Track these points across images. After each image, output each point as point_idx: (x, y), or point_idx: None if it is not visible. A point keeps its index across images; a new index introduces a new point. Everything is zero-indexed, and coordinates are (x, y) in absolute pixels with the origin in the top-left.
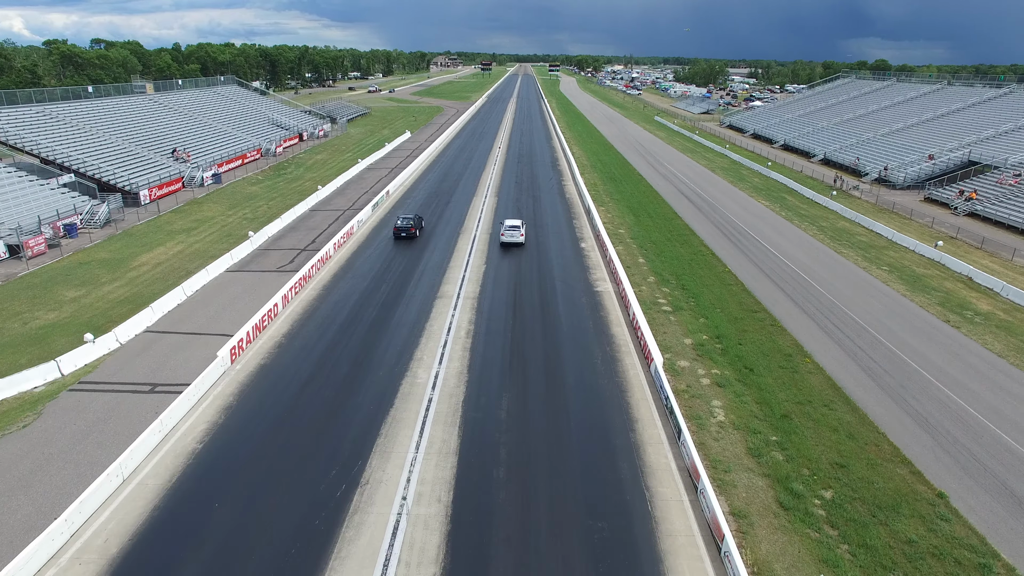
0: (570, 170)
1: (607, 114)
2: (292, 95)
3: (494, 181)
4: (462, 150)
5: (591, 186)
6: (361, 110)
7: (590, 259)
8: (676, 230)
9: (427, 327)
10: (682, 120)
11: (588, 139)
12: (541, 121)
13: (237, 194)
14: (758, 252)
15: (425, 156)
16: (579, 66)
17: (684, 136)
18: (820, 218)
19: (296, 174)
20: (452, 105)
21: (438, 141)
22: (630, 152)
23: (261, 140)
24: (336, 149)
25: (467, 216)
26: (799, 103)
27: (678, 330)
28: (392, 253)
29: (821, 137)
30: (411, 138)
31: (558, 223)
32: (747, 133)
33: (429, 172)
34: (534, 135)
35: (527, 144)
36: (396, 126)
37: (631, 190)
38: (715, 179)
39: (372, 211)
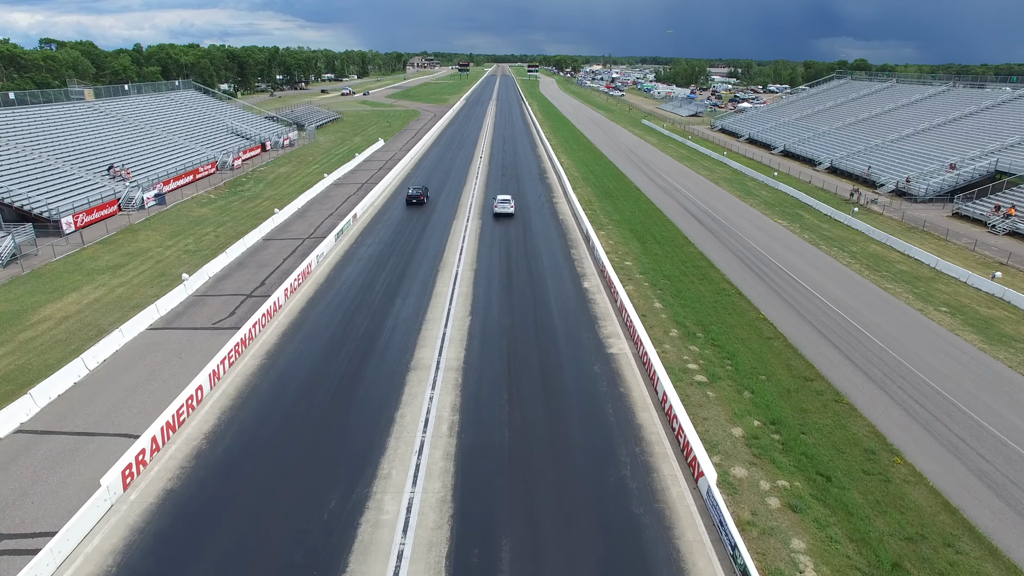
0: (560, 183)
1: (592, 117)
2: (266, 98)
3: (476, 199)
4: (440, 160)
5: (585, 203)
6: (332, 115)
7: (596, 305)
8: (690, 260)
9: (395, 428)
10: (671, 123)
11: (575, 146)
12: (524, 125)
13: (182, 218)
14: (790, 289)
15: (399, 168)
16: (558, 66)
17: (676, 142)
18: (848, 241)
19: (254, 191)
20: (429, 108)
21: (414, 150)
22: (622, 161)
23: (217, 152)
24: (302, 160)
25: (446, 247)
26: (794, 105)
27: (721, 413)
28: (353, 303)
29: (824, 143)
30: (385, 147)
31: (553, 254)
32: (742, 138)
33: (403, 189)
34: (517, 142)
35: (511, 153)
36: (369, 133)
37: (631, 208)
38: (720, 192)
39: (335, 241)
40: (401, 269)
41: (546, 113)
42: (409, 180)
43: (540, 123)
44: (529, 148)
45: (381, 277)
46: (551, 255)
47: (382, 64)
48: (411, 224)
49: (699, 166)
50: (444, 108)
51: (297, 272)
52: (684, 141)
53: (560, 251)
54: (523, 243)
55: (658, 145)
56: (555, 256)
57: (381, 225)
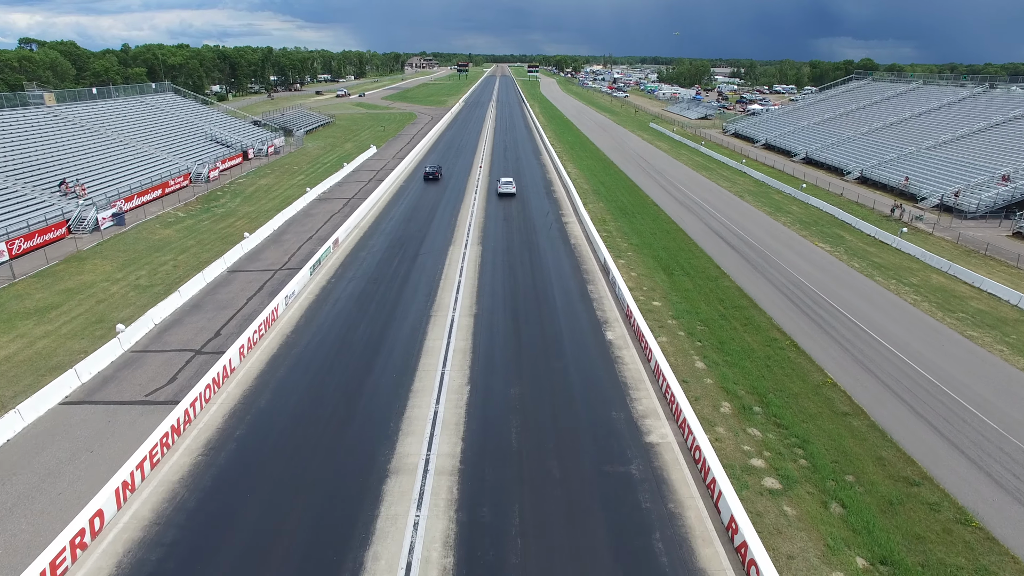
0: (568, 198)
1: (597, 120)
2: (258, 100)
3: (476, 219)
4: None
5: (599, 222)
6: (323, 119)
7: (625, 365)
8: (727, 298)
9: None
10: (680, 127)
11: (582, 152)
12: (526, 130)
13: (141, 242)
14: (855, 339)
15: (391, 180)
16: (558, 66)
17: (689, 148)
18: (904, 270)
19: (228, 207)
20: (426, 111)
21: (408, 158)
22: (634, 170)
23: (192, 162)
24: (286, 170)
25: (441, 279)
26: (812, 108)
27: (809, 545)
28: (324, 365)
29: (851, 150)
30: (377, 154)
31: (568, 293)
32: (758, 143)
33: (394, 206)
34: (520, 149)
35: (513, 161)
36: (361, 138)
37: (650, 228)
38: (746, 208)
39: (309, 275)
40: (385, 315)
41: (549, 116)
42: (402, 194)
43: (543, 127)
44: (532, 156)
45: (360, 327)
46: (565, 294)
47: (380, 64)
48: (400, 253)
49: (718, 176)
50: (442, 111)
51: (261, 318)
52: (697, 147)
53: (576, 289)
54: (531, 276)
55: (670, 151)
56: (570, 296)
57: (365, 252)
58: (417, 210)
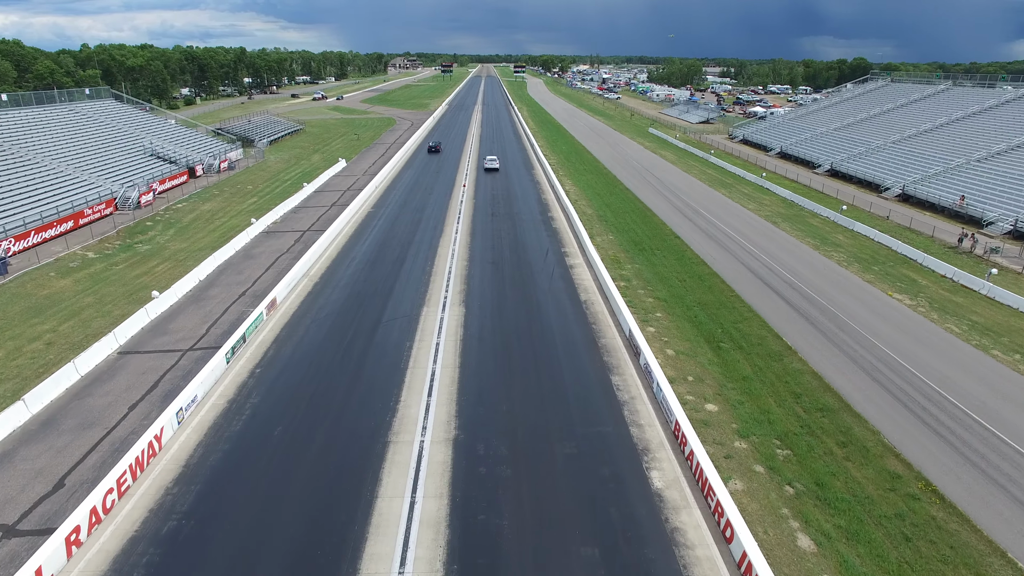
0: (571, 227)
1: (591, 125)
2: (228, 104)
3: (457, 266)
4: (411, 193)
5: (612, 263)
6: (292, 126)
7: (689, 548)
8: (806, 392)
9: None
10: (682, 132)
11: (579, 165)
12: (515, 138)
13: (19, 301)
14: (1013, 469)
15: (356, 207)
16: (544, 66)
17: (698, 158)
18: (1018, 333)
19: (154, 245)
20: (407, 116)
21: (381, 176)
22: (642, 187)
23: (121, 185)
24: (237, 191)
25: (406, 376)
26: (827, 112)
27: None
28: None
29: (884, 161)
30: (346, 169)
31: (586, 393)
32: (772, 151)
33: (355, 245)
34: (509, 161)
35: (502, 177)
36: (332, 149)
37: (677, 272)
38: (785, 239)
39: (226, 363)
40: (326, 438)
41: (539, 121)
42: (369, 223)
43: (533, 133)
44: (524, 170)
45: (290, 489)
46: (582, 393)
47: (362, 65)
48: (357, 320)
49: (739, 194)
50: (424, 115)
51: (134, 451)
52: (706, 156)
53: (595, 382)
54: (532, 364)
55: (678, 162)
56: (589, 397)
57: (311, 319)
58: (385, 248)
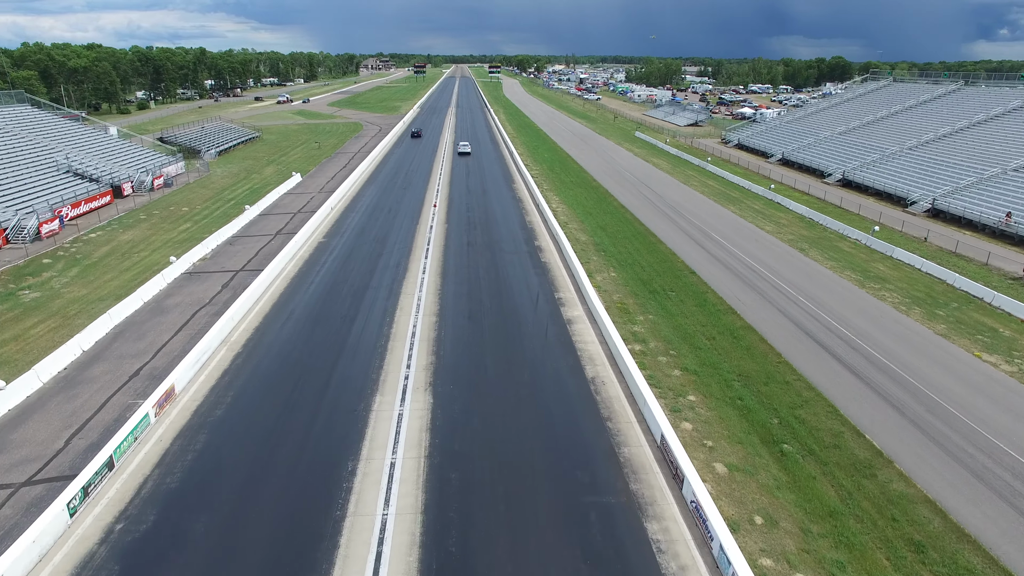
0: (565, 263)
1: (573, 129)
2: (188, 108)
3: (424, 324)
4: (373, 217)
5: (620, 314)
6: (247, 134)
7: None
8: (930, 536)
9: None
10: (672, 137)
11: (565, 176)
12: (492, 144)
13: None
14: None
15: (305, 236)
16: (520, 66)
17: (695, 167)
18: None
19: (43, 293)
20: (376, 120)
21: (339, 193)
22: (638, 202)
23: (19, 211)
24: (168, 216)
25: (352, 497)
26: (828, 115)
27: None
28: None
29: (902, 169)
30: (300, 185)
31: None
32: (773, 158)
33: (296, 293)
34: (486, 173)
35: (478, 194)
36: (288, 160)
37: (702, 325)
38: (820, 272)
39: (69, 518)
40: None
41: (517, 124)
42: (315, 265)
43: (512, 139)
44: (503, 182)
45: None
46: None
47: (333, 66)
48: (286, 411)
49: (751, 212)
50: (394, 119)
51: None
52: (703, 165)
53: (631, 546)
54: (532, 511)
55: (673, 172)
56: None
57: (216, 420)
58: (334, 297)
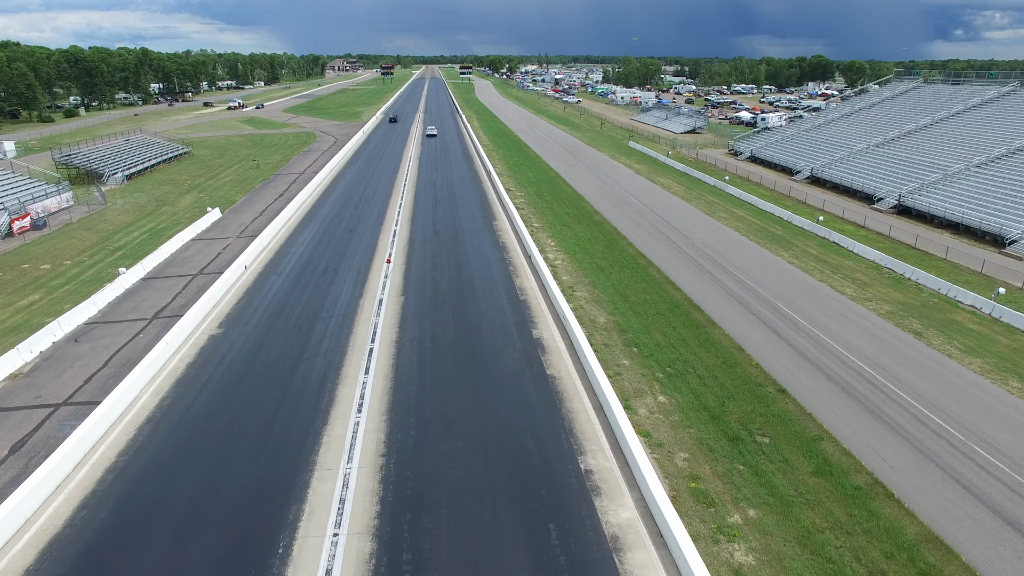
0: (584, 379)
1: (557, 138)
2: (124, 115)
3: (355, 491)
4: (302, 277)
5: (702, 509)
6: (175, 149)
7: None
8: None
9: None
10: (671, 147)
11: (559, 206)
12: (465, 160)
13: None
14: None
15: (193, 320)
16: (492, 67)
17: (712, 189)
18: None
19: None
20: (333, 129)
21: (264, 238)
22: (661, 247)
23: None
24: (13, 279)
25: None
26: (854, 122)
27: None
28: None
29: (978, 193)
30: (216, 226)
31: None
32: (799, 175)
33: (145, 456)
34: (458, 201)
35: (449, 232)
36: (215, 185)
37: (843, 523)
38: (980, 386)
39: None
40: None
41: (492, 132)
42: (191, 387)
43: (488, 152)
44: (481, 220)
45: None
46: None
47: (297, 68)
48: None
49: (811, 260)
50: (354, 128)
51: None
52: (721, 186)
53: None
54: None
55: (690, 197)
56: None
57: None
58: (213, 468)
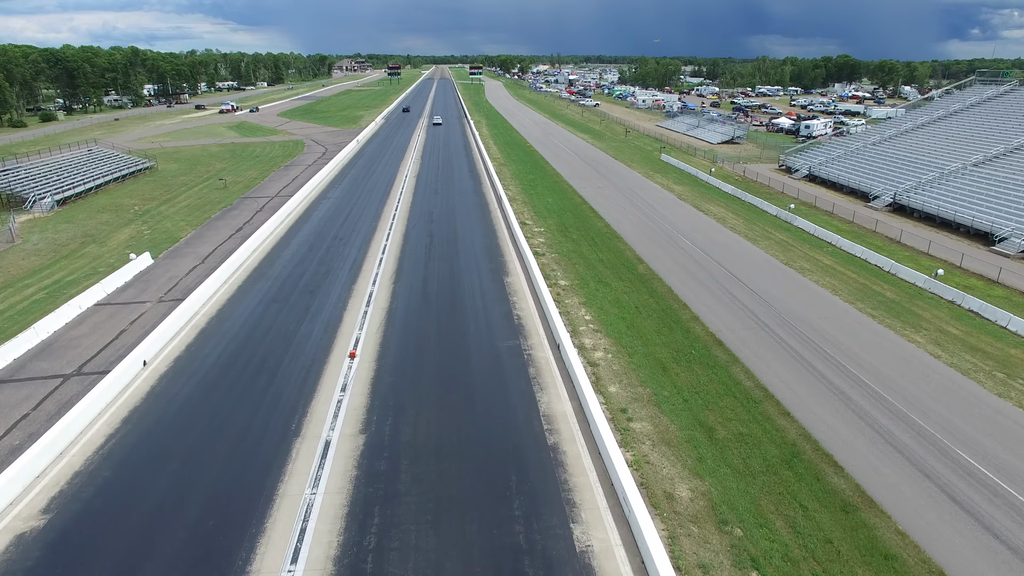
0: None
1: (578, 150)
2: (104, 119)
3: None
4: (223, 378)
5: None
6: (135, 164)
7: None
8: None
9: None
10: (712, 161)
11: (589, 250)
12: (471, 179)
13: None
14: None
15: (26, 470)
16: (503, 67)
17: (775, 221)
18: None
19: None
20: (325, 137)
21: (195, 300)
22: (729, 309)
23: None
24: None
25: None
26: (934, 132)
27: None
28: None
29: None
30: (140, 279)
31: None
32: (877, 200)
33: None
34: (460, 242)
35: (444, 302)
36: (168, 212)
37: None
38: None
39: None
40: None
41: (504, 141)
42: None
43: (499, 167)
44: (486, 267)
45: None
46: None
47: (303, 68)
48: None
49: (952, 342)
50: (348, 136)
51: None
52: (789, 219)
53: None
54: None
55: (755, 235)
56: None
57: None
58: None
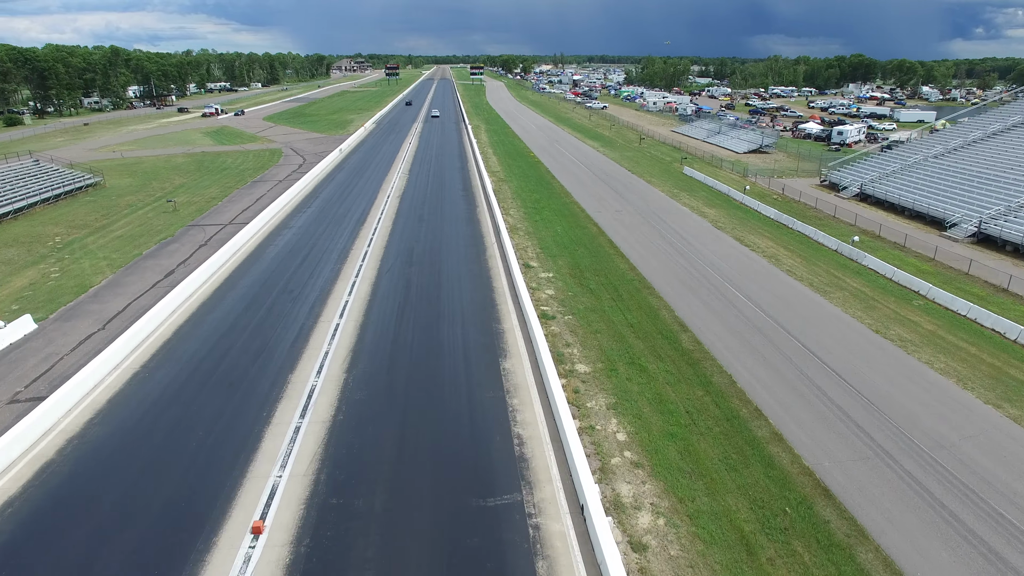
0: None
1: (589, 161)
2: (75, 123)
3: None
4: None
5: None
6: (71, 181)
7: None
8: None
9: None
10: (743, 175)
11: (612, 303)
12: (465, 202)
13: None
14: None
15: None
16: (505, 67)
17: (838, 258)
18: None
19: None
20: (307, 145)
21: (65, 395)
22: (822, 423)
23: None
24: None
25: None
26: (1004, 145)
27: None
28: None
29: None
30: (13, 351)
31: None
32: (954, 228)
33: None
34: (443, 297)
35: (417, 401)
36: (93, 245)
37: None
38: None
39: None
40: None
41: (504, 151)
42: None
43: (498, 184)
44: (477, 338)
45: None
46: None
47: (300, 68)
48: None
49: None
50: (333, 143)
51: None
52: (857, 256)
53: None
54: None
55: (819, 282)
56: None
57: None
58: None
